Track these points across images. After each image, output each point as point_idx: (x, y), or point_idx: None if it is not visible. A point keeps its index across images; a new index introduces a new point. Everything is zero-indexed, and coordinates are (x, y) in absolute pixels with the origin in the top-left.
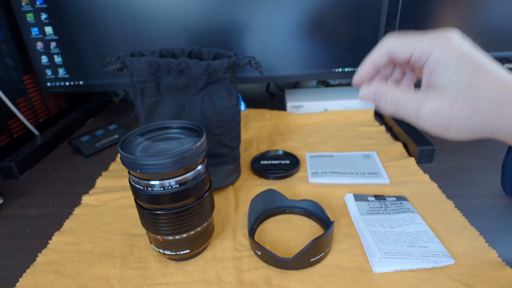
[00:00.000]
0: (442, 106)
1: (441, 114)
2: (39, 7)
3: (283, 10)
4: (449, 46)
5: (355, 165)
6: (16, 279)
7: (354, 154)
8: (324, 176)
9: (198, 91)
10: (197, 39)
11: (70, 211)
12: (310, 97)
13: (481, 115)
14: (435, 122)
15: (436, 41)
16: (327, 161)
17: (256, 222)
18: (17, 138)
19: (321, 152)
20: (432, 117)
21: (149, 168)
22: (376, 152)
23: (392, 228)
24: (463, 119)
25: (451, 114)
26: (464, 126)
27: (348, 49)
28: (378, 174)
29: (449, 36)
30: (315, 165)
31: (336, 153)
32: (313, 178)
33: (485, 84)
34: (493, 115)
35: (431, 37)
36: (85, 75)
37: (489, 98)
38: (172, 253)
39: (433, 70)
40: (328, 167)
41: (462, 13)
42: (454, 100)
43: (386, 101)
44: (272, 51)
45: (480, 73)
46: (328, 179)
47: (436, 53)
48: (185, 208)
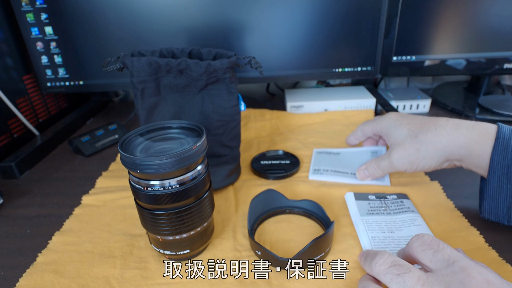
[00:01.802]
0: (400, 151)
1: (402, 156)
2: (39, 7)
3: (283, 10)
4: (389, 118)
5: (360, 164)
6: (16, 279)
7: (362, 151)
8: (324, 174)
9: (198, 91)
10: (197, 39)
11: (70, 211)
12: (310, 97)
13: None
14: (402, 162)
15: (381, 120)
16: (332, 158)
17: (256, 222)
18: (17, 138)
19: (329, 149)
20: (398, 161)
21: (149, 168)
22: (386, 147)
23: (392, 233)
24: (415, 152)
25: (407, 153)
26: (419, 156)
27: (348, 49)
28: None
29: (388, 114)
30: (319, 162)
31: (343, 150)
32: (314, 175)
33: (417, 124)
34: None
35: (379, 119)
36: (85, 75)
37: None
38: (172, 253)
39: (386, 135)
40: (331, 165)
41: (462, 13)
42: (403, 143)
43: (374, 168)
44: (272, 51)
45: (412, 121)
46: (328, 178)
47: (383, 124)
48: (185, 208)
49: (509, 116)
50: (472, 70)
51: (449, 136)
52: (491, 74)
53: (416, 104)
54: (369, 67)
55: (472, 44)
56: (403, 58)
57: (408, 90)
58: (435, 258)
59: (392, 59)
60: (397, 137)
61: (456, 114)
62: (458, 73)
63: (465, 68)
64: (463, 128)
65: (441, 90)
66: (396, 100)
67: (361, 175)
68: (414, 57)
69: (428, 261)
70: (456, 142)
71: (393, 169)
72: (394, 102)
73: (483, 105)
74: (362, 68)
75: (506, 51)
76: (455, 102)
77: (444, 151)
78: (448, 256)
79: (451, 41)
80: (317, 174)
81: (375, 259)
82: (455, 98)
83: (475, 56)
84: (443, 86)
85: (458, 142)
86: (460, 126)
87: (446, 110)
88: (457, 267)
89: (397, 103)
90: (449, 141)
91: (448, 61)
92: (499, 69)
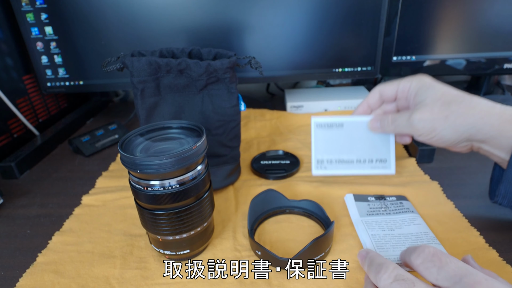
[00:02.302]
0: (425, 113)
1: (426, 117)
2: (39, 7)
3: (283, 10)
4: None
5: (366, 144)
6: (16, 279)
7: (366, 122)
8: (329, 166)
9: (198, 91)
10: (197, 39)
11: (70, 211)
12: (310, 97)
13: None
14: (423, 125)
15: (413, 78)
16: (335, 135)
17: (256, 222)
18: (17, 138)
19: (329, 118)
20: (419, 122)
21: (149, 168)
22: None
23: (392, 231)
24: (442, 119)
25: (432, 116)
26: (444, 124)
27: (348, 49)
28: (386, 163)
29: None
30: (322, 144)
31: (345, 120)
32: (317, 170)
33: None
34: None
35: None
36: (85, 75)
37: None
38: (172, 253)
39: (415, 94)
40: (335, 148)
41: (462, 13)
42: (432, 106)
43: (387, 122)
44: (272, 51)
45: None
46: (333, 170)
47: (415, 83)
48: (185, 208)
49: None
50: (472, 70)
51: (483, 113)
52: (491, 74)
53: None
54: (369, 67)
55: (472, 44)
56: (403, 58)
57: None
58: (440, 275)
59: (392, 59)
60: (427, 97)
61: None
62: (458, 73)
63: (465, 68)
64: (497, 108)
65: None
66: None
67: (372, 125)
68: (414, 57)
69: (434, 279)
70: (487, 120)
71: (409, 129)
72: None
73: None
74: (362, 68)
75: (506, 51)
76: None
77: (473, 126)
78: (453, 272)
79: (451, 41)
80: (321, 169)
81: (380, 273)
82: None
83: (475, 56)
84: None
85: (490, 121)
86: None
87: None
88: (465, 284)
89: None
90: (481, 118)
91: (448, 61)
92: (499, 69)
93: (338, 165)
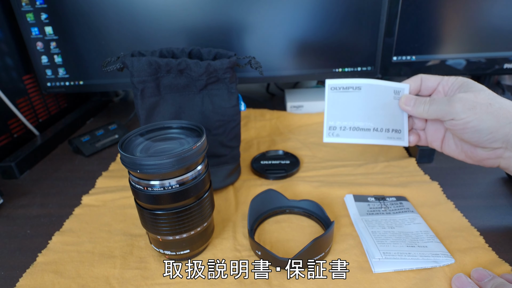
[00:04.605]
0: (469, 95)
1: (468, 98)
2: (39, 7)
3: (283, 10)
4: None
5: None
6: (16, 279)
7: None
8: (342, 133)
9: (198, 91)
10: (197, 39)
11: (70, 211)
12: (310, 97)
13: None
14: (463, 104)
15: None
16: (352, 100)
17: (256, 222)
18: (17, 138)
19: (346, 81)
20: (460, 101)
21: (149, 168)
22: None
23: (392, 229)
24: (485, 104)
25: (476, 99)
26: (486, 110)
27: (348, 49)
28: (400, 133)
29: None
30: (336, 109)
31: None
32: (329, 137)
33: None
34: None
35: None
36: (85, 75)
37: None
38: (172, 253)
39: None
40: (351, 114)
41: (462, 13)
42: (478, 93)
43: (424, 102)
44: (272, 51)
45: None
46: (347, 138)
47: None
48: (185, 208)
49: None
50: (472, 70)
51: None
52: (491, 74)
53: None
54: (369, 67)
55: (472, 44)
56: (403, 58)
57: None
58: None
59: (392, 59)
60: (473, 87)
61: None
62: (458, 73)
63: (465, 68)
64: None
65: None
66: None
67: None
68: (414, 57)
69: None
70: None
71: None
72: None
73: None
74: (362, 68)
75: (506, 51)
76: None
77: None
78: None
79: (451, 41)
80: (333, 136)
81: None
82: None
83: (475, 56)
84: None
85: None
86: None
87: None
88: None
89: None
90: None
91: (448, 61)
92: (499, 69)
93: (353, 133)
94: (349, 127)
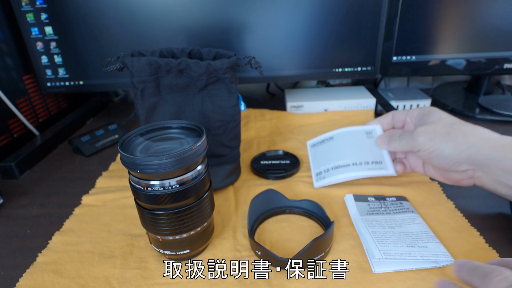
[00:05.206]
0: (428, 127)
1: (427, 131)
2: (39, 7)
3: (283, 10)
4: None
5: (358, 150)
6: (16, 279)
7: (355, 130)
8: (327, 176)
9: (198, 91)
10: (197, 39)
11: (70, 211)
12: (310, 97)
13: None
14: (423, 138)
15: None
16: (328, 148)
17: (256, 222)
18: (17, 138)
19: (320, 136)
20: (420, 134)
21: (149, 168)
22: (380, 126)
23: (392, 229)
24: (444, 134)
25: (435, 129)
26: (446, 138)
27: (348, 49)
28: (382, 164)
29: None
30: (317, 159)
31: (335, 132)
32: (318, 181)
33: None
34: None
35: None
36: (85, 75)
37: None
38: (172, 253)
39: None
40: (329, 158)
41: (462, 13)
42: (436, 124)
43: (395, 139)
44: (272, 51)
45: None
46: (333, 178)
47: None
48: (185, 208)
49: (509, 116)
50: (472, 70)
51: (483, 135)
52: (491, 74)
53: (416, 104)
54: (369, 67)
55: (472, 44)
56: (403, 58)
57: (408, 90)
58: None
59: (392, 59)
60: (432, 117)
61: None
62: (458, 73)
63: (465, 68)
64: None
65: (441, 90)
66: (396, 100)
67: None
68: (414, 57)
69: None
70: (487, 141)
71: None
72: (394, 102)
73: (483, 105)
74: (362, 68)
75: (506, 51)
76: (455, 102)
77: (473, 144)
78: None
79: (451, 41)
80: (321, 180)
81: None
82: (455, 98)
83: (475, 56)
84: (443, 86)
85: (490, 142)
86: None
87: (446, 110)
88: None
89: (397, 103)
90: (481, 139)
91: (448, 61)
92: (499, 69)
93: (335, 171)
94: (331, 167)
